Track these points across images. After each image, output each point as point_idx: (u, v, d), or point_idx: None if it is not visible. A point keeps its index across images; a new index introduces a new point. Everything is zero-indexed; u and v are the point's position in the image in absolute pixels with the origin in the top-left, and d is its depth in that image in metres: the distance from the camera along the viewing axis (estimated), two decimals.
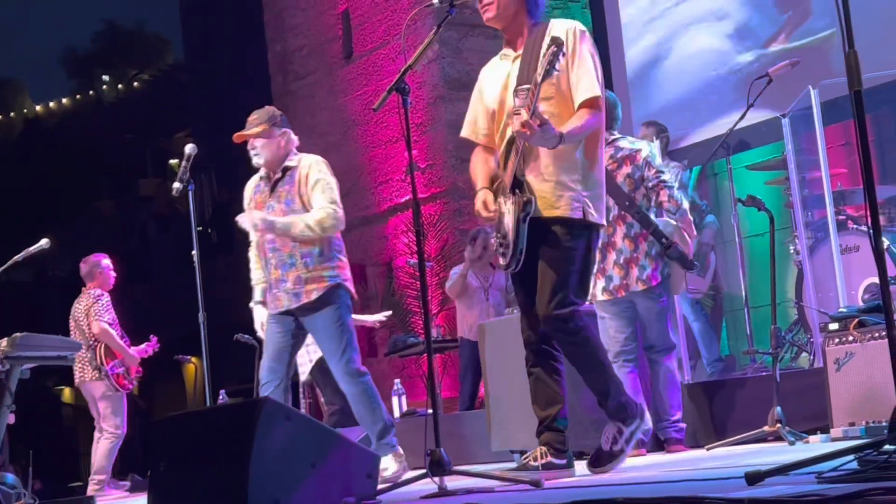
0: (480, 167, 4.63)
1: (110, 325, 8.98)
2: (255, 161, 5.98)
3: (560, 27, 4.47)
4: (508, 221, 4.35)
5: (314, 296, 5.80)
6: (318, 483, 3.79)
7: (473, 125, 4.73)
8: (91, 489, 8.98)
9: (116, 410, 9.10)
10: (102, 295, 9.09)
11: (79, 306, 9.06)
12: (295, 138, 6.04)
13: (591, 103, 4.39)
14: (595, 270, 6.05)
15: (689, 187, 7.95)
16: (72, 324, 9.04)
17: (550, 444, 4.40)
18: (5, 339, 6.39)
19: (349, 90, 11.40)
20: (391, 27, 10.91)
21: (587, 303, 6.06)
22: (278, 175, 5.89)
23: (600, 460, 4.48)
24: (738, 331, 8.86)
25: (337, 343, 5.81)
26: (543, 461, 4.32)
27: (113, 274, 9.23)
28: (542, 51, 4.35)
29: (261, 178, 6.01)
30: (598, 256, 6.03)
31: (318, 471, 3.80)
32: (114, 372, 9.00)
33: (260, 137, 5.89)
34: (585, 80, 4.40)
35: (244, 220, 5.86)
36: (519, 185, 4.38)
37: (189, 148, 6.19)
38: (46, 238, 6.90)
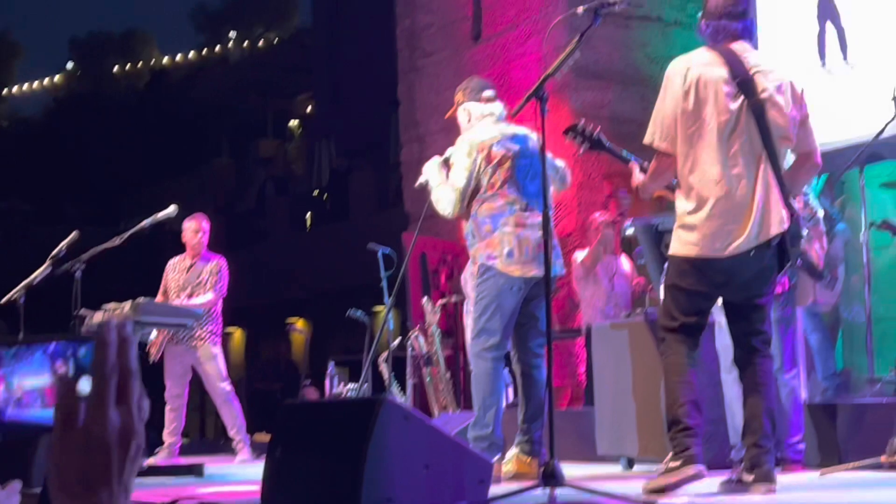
0: None
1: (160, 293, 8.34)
2: None
3: None
4: None
5: (470, 282, 5.83)
6: (431, 485, 3.81)
7: None
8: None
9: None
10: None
11: None
12: (478, 110, 5.76)
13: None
14: None
15: (814, 193, 7.77)
16: None
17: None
18: (129, 302, 6.56)
19: (476, 71, 11.33)
20: (522, 10, 10.82)
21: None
22: None
23: None
24: (855, 343, 8.63)
25: (473, 322, 5.70)
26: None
27: (188, 237, 8.41)
28: None
29: None
30: None
31: (432, 473, 3.83)
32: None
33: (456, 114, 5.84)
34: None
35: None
36: None
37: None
38: (175, 205, 7.00)
